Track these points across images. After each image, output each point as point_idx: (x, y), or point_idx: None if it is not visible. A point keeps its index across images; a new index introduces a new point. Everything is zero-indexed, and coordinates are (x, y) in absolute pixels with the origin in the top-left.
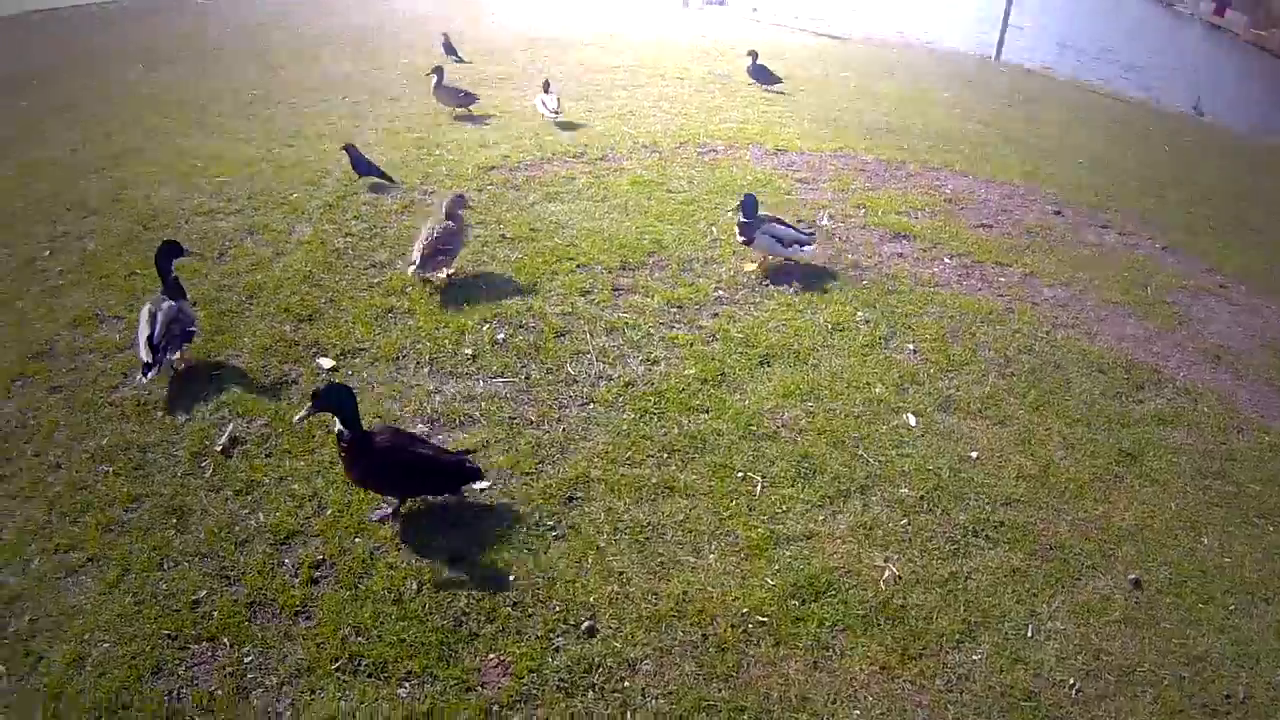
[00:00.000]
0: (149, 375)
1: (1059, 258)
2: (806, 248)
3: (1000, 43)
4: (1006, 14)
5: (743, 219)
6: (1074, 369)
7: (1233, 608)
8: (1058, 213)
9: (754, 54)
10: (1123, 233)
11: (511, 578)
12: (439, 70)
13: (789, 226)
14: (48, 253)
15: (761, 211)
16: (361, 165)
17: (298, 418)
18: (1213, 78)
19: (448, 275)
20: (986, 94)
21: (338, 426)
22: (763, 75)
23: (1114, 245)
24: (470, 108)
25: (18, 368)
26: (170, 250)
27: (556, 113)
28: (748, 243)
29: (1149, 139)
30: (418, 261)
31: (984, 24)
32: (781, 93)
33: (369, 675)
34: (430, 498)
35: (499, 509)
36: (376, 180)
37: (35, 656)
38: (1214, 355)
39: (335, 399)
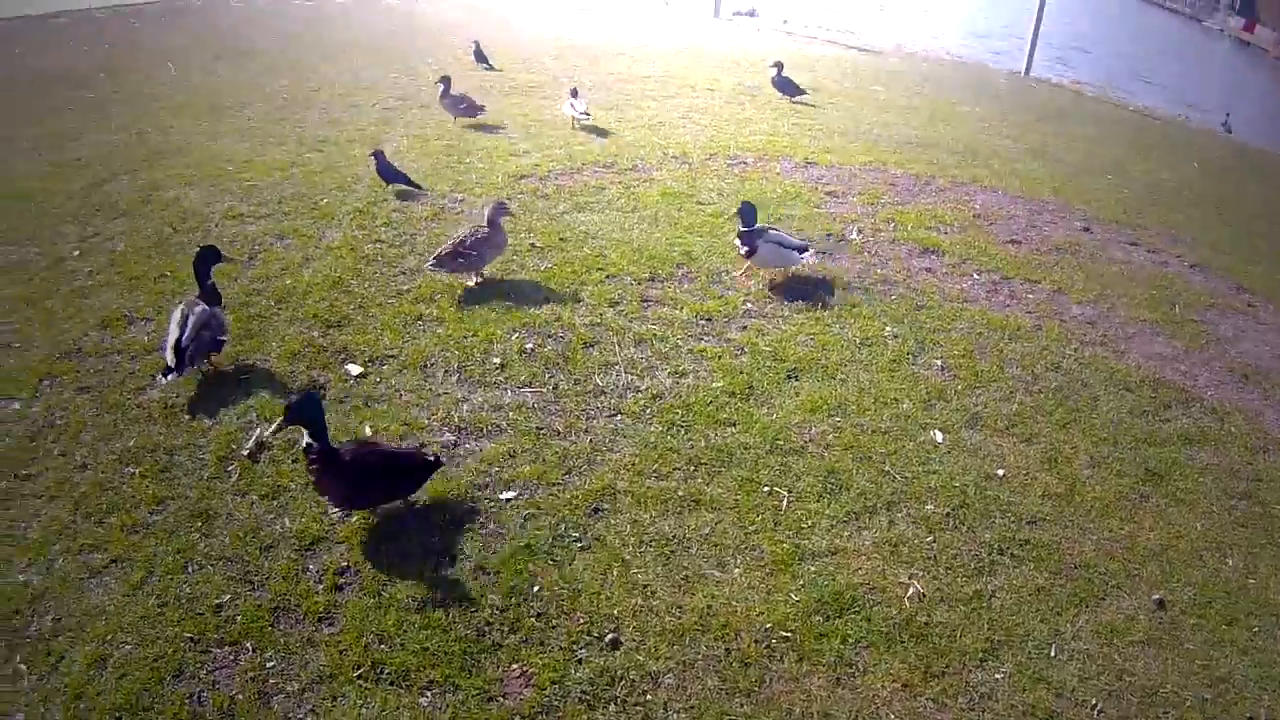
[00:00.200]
0: (168, 378)
1: (1087, 274)
2: (806, 255)
3: (1030, 57)
4: (1036, 29)
5: (742, 228)
6: (1101, 387)
7: (1257, 629)
8: (1086, 229)
9: (779, 65)
10: (1151, 250)
11: (536, 588)
12: (445, 79)
13: (785, 232)
14: (77, 253)
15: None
16: (389, 173)
17: (269, 431)
18: (1242, 94)
19: (476, 282)
20: (1016, 109)
21: (305, 440)
22: (787, 87)
23: (1142, 262)
24: (476, 118)
25: (46, 367)
26: (209, 255)
27: (585, 114)
28: (750, 253)
29: (1177, 155)
30: (434, 258)
31: (1013, 39)
32: (809, 104)
33: (391, 683)
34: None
35: (524, 519)
36: (405, 188)
37: (57, 656)
38: (1242, 374)
39: (307, 411)
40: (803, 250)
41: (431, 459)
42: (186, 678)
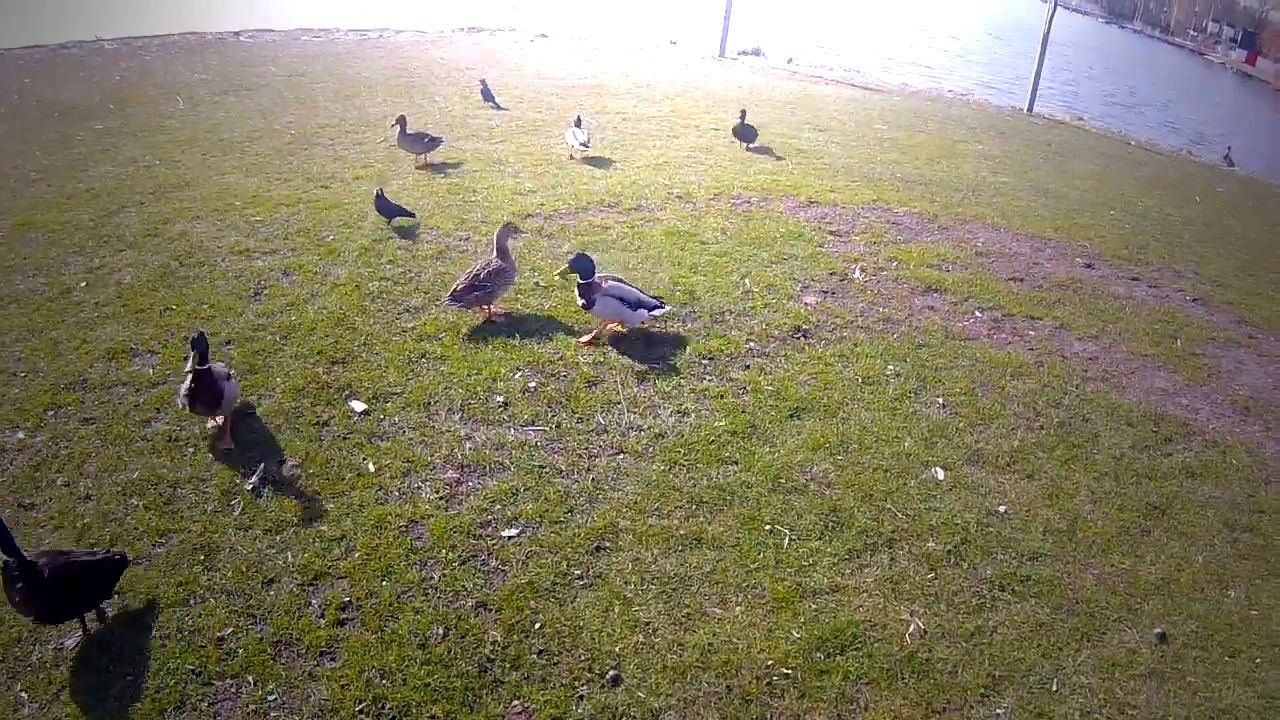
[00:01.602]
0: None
1: (1089, 311)
2: (656, 311)
3: (1033, 94)
4: (1039, 65)
5: (580, 281)
6: (1103, 422)
7: (1259, 661)
8: (1088, 265)
9: (743, 112)
10: (1153, 285)
11: (537, 625)
12: (401, 119)
13: (631, 286)
14: (84, 284)
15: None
16: (386, 208)
17: None
18: (1244, 126)
19: (489, 315)
20: (1018, 145)
21: (2, 558)
22: (745, 133)
23: (1144, 298)
24: (436, 150)
25: (50, 398)
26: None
27: (585, 145)
28: (588, 307)
29: (1180, 189)
30: (450, 294)
31: (1016, 76)
32: (769, 150)
33: (392, 719)
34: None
35: (526, 556)
36: (410, 224)
37: (59, 686)
38: (1243, 407)
39: None
40: (650, 308)
41: (117, 557)
42: (188, 710)
